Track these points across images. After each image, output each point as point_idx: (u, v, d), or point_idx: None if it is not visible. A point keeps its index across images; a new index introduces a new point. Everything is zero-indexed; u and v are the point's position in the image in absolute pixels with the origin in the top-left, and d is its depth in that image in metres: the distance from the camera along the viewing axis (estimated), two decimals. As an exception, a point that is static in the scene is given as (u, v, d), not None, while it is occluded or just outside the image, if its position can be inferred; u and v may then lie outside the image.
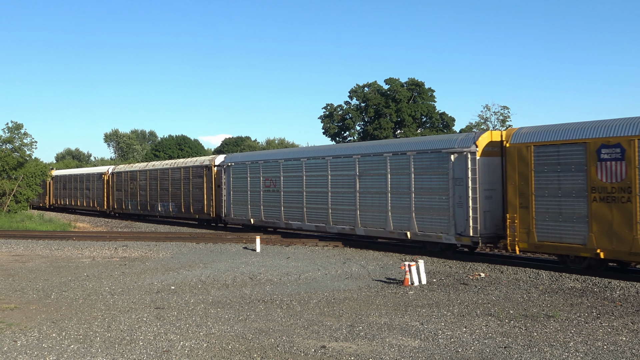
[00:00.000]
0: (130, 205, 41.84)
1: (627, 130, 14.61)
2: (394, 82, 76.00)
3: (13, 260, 20.32)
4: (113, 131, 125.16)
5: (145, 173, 40.21)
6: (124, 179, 43.06)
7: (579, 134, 15.57)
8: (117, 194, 43.88)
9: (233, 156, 31.45)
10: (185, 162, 36.90)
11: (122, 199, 43.08)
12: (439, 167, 19.41)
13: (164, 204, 37.70)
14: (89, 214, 49.76)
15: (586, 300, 12.80)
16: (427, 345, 9.17)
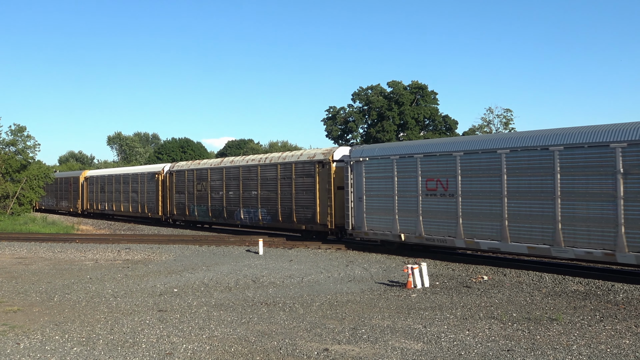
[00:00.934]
0: (198, 212, 34.45)
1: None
2: (397, 84, 76.03)
3: (16, 263, 20.35)
4: (116, 134, 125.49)
5: (221, 171, 32.70)
6: (188, 179, 35.36)
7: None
8: (178, 197, 36.28)
9: (366, 149, 23.00)
10: (284, 156, 28.81)
11: (186, 204, 35.49)
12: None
13: (249, 210, 30.33)
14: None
15: (589, 303, 12.77)
16: (430, 348, 9.16)
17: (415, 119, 74.35)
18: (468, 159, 18.45)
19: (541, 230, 16.33)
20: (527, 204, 16.73)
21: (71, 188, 52.36)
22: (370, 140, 73.58)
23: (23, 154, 47.47)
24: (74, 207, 51.42)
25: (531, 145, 16.71)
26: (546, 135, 16.60)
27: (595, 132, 15.45)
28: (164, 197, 37.94)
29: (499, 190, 17.45)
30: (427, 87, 76.02)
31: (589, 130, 15.68)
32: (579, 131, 15.88)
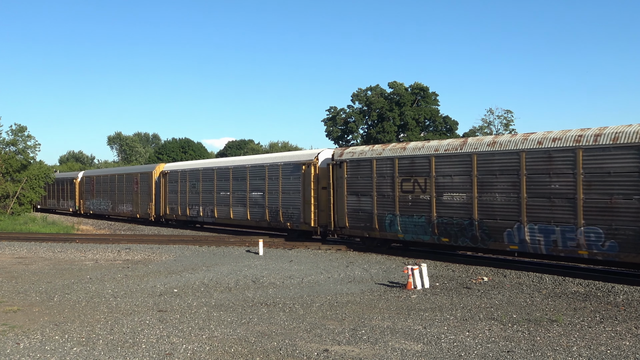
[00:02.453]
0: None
1: None
2: (398, 85, 76.05)
3: (16, 263, 20.35)
4: (116, 134, 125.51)
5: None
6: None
7: None
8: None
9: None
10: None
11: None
12: None
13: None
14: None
15: (589, 304, 12.77)
16: (430, 349, 9.15)
17: (416, 119, 74.38)
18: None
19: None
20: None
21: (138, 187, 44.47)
22: (370, 141, 73.64)
23: (23, 153, 47.50)
24: (145, 213, 40.16)
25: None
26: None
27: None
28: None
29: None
30: (428, 88, 76.06)
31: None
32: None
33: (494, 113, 71.14)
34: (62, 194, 54.58)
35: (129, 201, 41.85)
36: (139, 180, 40.34)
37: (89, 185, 49.02)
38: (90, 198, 48.76)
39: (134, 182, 41.18)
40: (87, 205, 49.35)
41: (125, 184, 42.50)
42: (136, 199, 40.74)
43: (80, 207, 50.59)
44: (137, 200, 40.47)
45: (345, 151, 22.36)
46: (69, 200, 53.01)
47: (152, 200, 38.44)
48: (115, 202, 44.01)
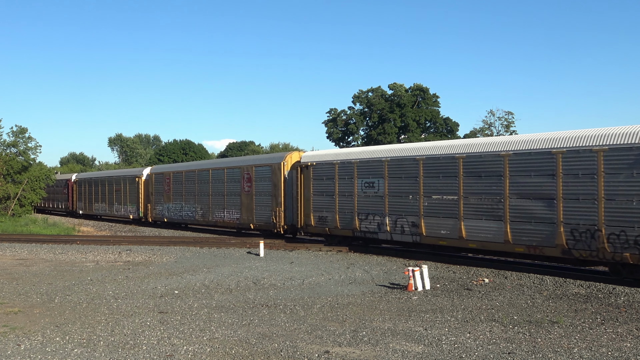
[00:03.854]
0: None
1: None
2: (398, 87, 76.09)
3: (17, 264, 20.35)
4: (117, 135, 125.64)
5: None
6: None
7: None
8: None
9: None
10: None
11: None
12: None
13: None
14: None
15: (590, 306, 12.76)
16: (430, 351, 9.15)
17: (417, 121, 74.42)
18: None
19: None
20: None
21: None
22: (371, 142, 73.66)
23: (24, 155, 47.54)
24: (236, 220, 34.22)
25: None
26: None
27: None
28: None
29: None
30: (428, 89, 76.10)
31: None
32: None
33: (495, 114, 71.10)
34: (117, 196, 44.16)
35: (234, 205, 31.04)
36: (253, 175, 29.59)
37: (161, 185, 37.98)
38: (164, 201, 37.51)
39: (243, 179, 30.42)
40: (158, 210, 38.08)
41: (227, 182, 31.72)
42: (248, 202, 29.93)
43: (147, 213, 39.76)
44: (251, 203, 29.67)
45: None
46: (128, 205, 42.43)
47: (280, 203, 27.37)
48: (210, 206, 32.92)
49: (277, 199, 27.53)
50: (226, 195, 31.61)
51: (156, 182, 38.66)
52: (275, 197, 27.63)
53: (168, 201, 37.13)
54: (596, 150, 15.47)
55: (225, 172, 31.82)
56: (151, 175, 39.64)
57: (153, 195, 38.85)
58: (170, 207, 36.96)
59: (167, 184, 37.20)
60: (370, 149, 24.14)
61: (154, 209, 38.76)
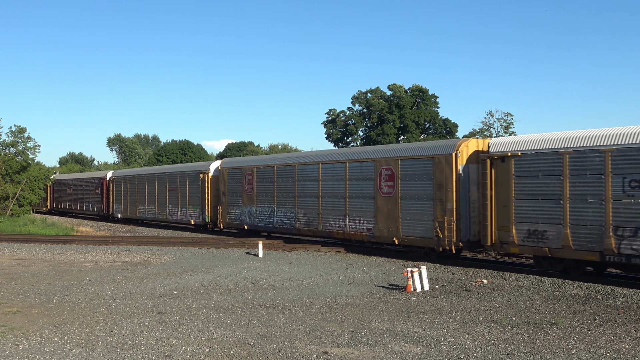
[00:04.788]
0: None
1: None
2: (397, 88, 76.14)
3: (16, 264, 20.34)
4: (116, 135, 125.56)
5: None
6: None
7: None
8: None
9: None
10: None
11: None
12: None
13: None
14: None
15: (589, 307, 12.77)
16: (429, 352, 9.15)
17: (416, 122, 74.45)
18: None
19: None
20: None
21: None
22: (370, 142, 73.70)
23: (23, 155, 47.50)
24: None
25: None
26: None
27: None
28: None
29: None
30: (427, 90, 76.14)
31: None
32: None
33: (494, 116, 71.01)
34: (172, 197, 36.18)
35: (363, 212, 22.72)
36: (398, 171, 21.53)
37: (238, 182, 29.96)
38: (243, 203, 29.50)
39: (380, 177, 22.18)
40: (234, 215, 30.31)
41: (350, 180, 23.54)
42: (389, 207, 21.68)
43: (217, 218, 31.97)
44: (394, 210, 21.53)
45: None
46: (189, 208, 34.65)
47: (450, 211, 19.54)
48: (320, 212, 24.80)
49: (445, 205, 19.60)
50: (349, 197, 23.32)
51: (231, 179, 30.55)
52: (440, 202, 19.73)
53: (250, 203, 29.07)
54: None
55: (347, 167, 23.58)
56: (223, 170, 31.41)
57: (226, 195, 30.71)
58: (253, 211, 28.90)
59: (249, 181, 29.16)
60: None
61: (228, 213, 30.62)
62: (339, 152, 29.05)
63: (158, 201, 38.18)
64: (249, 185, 29.19)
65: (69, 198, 53.03)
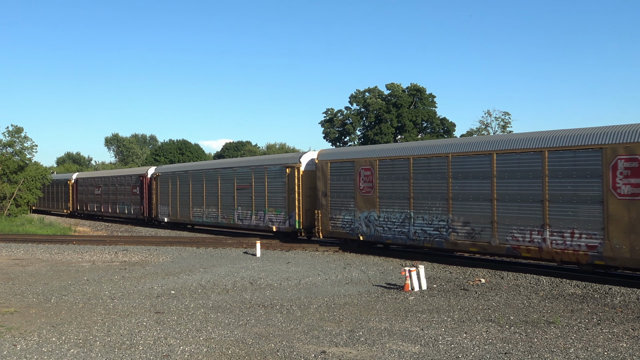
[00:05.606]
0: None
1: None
2: (395, 87, 76.16)
3: (13, 264, 20.31)
4: (113, 135, 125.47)
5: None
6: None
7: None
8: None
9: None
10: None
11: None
12: None
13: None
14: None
15: (587, 306, 12.79)
16: (427, 351, 9.16)
17: (413, 121, 74.48)
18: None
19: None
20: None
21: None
22: (367, 142, 73.72)
23: (20, 155, 47.38)
24: None
25: None
26: None
27: None
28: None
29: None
30: (425, 89, 76.18)
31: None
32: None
33: (492, 115, 71.13)
34: (242, 198, 29.50)
35: (584, 218, 15.79)
36: None
37: (348, 178, 22.96)
38: (358, 206, 22.41)
39: (613, 169, 15.20)
40: (343, 221, 23.14)
41: (561, 176, 16.38)
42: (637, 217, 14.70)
43: (316, 223, 24.33)
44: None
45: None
46: (268, 211, 27.59)
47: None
48: (497, 221, 17.88)
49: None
50: (550, 201, 16.49)
51: (335, 174, 23.50)
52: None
53: (368, 207, 21.94)
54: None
55: (546, 159, 16.61)
56: (322, 164, 24.04)
57: (328, 196, 23.57)
58: (373, 217, 21.80)
59: (366, 178, 22.11)
60: None
61: (331, 219, 23.54)
62: (528, 136, 17.71)
63: (222, 202, 30.95)
64: (367, 184, 22.12)
65: (98, 199, 46.35)
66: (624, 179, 14.96)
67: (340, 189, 23.36)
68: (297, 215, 25.54)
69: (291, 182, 26.00)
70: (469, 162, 18.75)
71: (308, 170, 25.57)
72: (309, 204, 25.33)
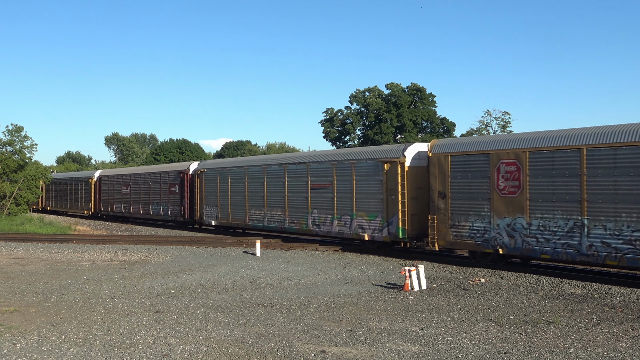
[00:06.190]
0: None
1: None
2: (395, 87, 76.13)
3: (13, 263, 20.31)
4: (113, 134, 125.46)
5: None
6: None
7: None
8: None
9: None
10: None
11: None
12: None
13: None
14: None
15: (586, 306, 12.79)
16: (427, 351, 9.16)
17: (413, 121, 74.44)
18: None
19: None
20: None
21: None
22: (367, 142, 73.71)
23: (20, 154, 47.37)
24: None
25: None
26: None
27: None
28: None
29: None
30: (425, 89, 76.13)
31: None
32: None
33: (492, 115, 71.12)
34: (322, 198, 24.17)
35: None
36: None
37: (477, 174, 18.37)
38: (500, 210, 17.60)
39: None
40: (471, 229, 18.45)
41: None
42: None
43: (433, 232, 19.44)
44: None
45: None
46: (359, 215, 22.35)
47: None
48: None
49: None
50: None
51: (459, 170, 18.77)
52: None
53: (512, 212, 17.28)
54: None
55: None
56: (437, 157, 19.36)
57: (447, 198, 18.86)
58: (521, 225, 17.09)
59: (510, 175, 17.43)
60: None
61: (453, 227, 18.74)
62: None
63: (290, 204, 25.86)
64: (510, 182, 17.41)
65: (126, 199, 41.58)
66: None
67: (466, 188, 18.49)
68: (400, 222, 20.45)
69: (391, 181, 20.97)
70: None
71: (415, 165, 20.62)
72: (415, 208, 20.42)
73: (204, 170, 32.36)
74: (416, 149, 20.84)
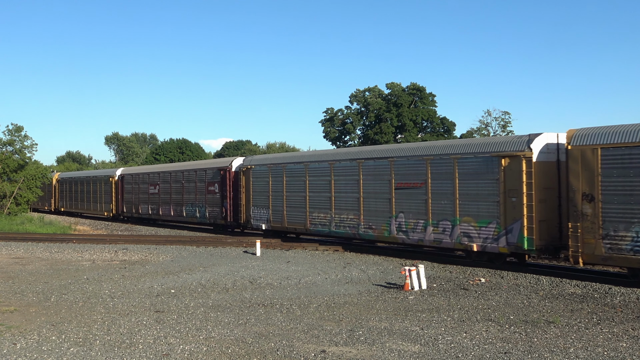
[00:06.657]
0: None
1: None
2: (395, 86, 76.12)
3: (13, 263, 20.31)
4: (114, 134, 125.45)
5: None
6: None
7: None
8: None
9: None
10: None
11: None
12: None
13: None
14: None
15: (587, 306, 12.78)
16: (427, 351, 9.16)
17: (413, 120, 74.43)
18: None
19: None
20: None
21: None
22: (367, 142, 73.70)
23: (20, 153, 47.37)
24: None
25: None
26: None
27: None
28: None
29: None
30: (425, 89, 76.13)
31: None
32: None
33: (492, 114, 71.12)
34: (410, 199, 20.44)
35: None
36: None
37: (631, 170, 14.39)
38: None
39: None
40: (627, 238, 14.43)
41: None
42: None
43: (579, 244, 15.38)
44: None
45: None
46: (465, 221, 18.59)
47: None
48: None
49: None
50: None
51: (611, 165, 14.89)
52: None
53: None
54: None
55: None
56: (582, 151, 15.40)
57: (597, 201, 15.07)
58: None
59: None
60: None
61: (607, 236, 14.85)
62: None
63: (366, 206, 22.14)
64: None
65: (154, 200, 37.74)
66: None
67: (625, 189, 14.61)
68: (526, 229, 16.87)
69: (511, 179, 17.43)
70: None
71: (543, 161, 17.17)
72: (544, 213, 16.94)
73: (252, 167, 28.20)
74: (544, 141, 17.20)
